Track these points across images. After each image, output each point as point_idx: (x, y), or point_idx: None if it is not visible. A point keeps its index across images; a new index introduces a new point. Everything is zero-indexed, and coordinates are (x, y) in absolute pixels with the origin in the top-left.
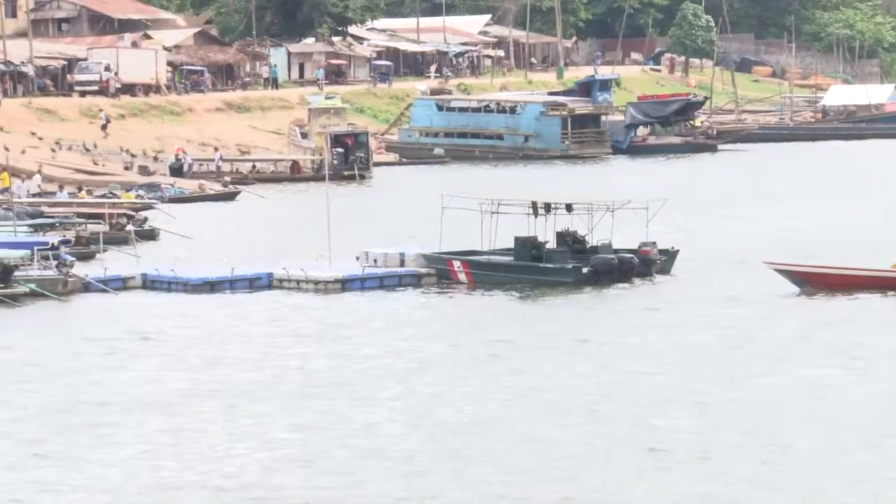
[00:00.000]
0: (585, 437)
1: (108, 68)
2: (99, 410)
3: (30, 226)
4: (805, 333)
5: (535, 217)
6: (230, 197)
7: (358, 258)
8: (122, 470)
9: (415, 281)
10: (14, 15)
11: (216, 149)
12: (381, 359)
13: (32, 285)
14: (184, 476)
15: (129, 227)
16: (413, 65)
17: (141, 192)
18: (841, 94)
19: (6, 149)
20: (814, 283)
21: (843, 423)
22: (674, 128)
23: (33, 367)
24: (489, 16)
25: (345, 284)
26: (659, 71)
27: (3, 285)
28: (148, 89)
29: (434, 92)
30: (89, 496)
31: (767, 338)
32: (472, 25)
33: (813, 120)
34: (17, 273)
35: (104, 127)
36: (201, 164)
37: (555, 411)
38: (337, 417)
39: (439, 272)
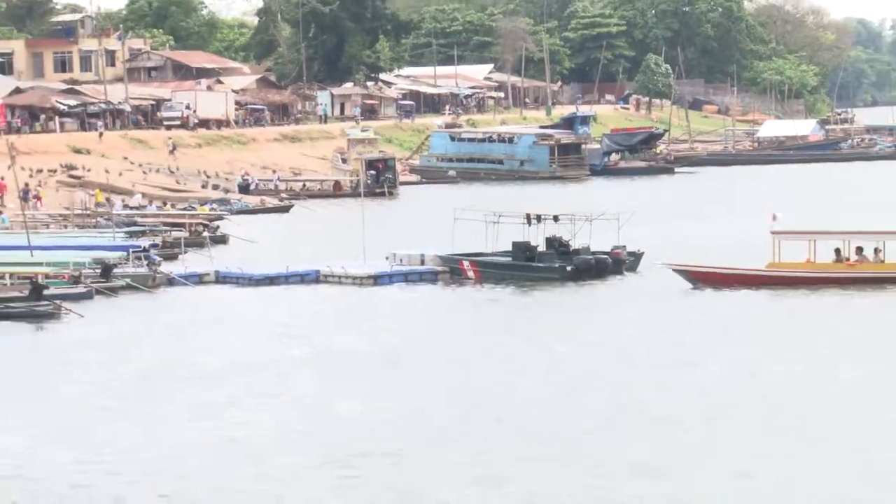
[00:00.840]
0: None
1: (187, 107)
2: (182, 376)
3: (126, 232)
4: (689, 318)
5: (529, 226)
6: (285, 210)
7: (387, 258)
8: (206, 420)
9: (432, 277)
10: (113, 64)
11: (274, 171)
12: (405, 334)
13: (128, 280)
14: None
15: (205, 234)
16: (431, 104)
17: (214, 206)
18: (773, 128)
19: (107, 171)
20: (701, 280)
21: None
22: (639, 154)
23: (129, 344)
24: (492, 65)
25: (376, 279)
26: (628, 109)
27: (105, 280)
28: (220, 124)
29: (448, 126)
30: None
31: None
32: (478, 73)
33: (751, 148)
34: (116, 270)
35: (172, 151)
36: (263, 184)
37: (534, 369)
38: (368, 379)
39: (452, 270)
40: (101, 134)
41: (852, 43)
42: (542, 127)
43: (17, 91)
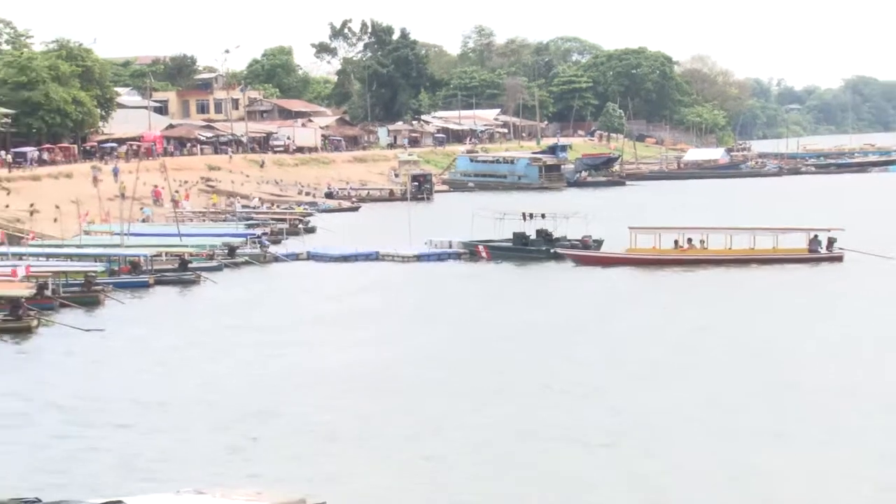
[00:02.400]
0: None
1: (288, 138)
2: (285, 323)
3: (245, 224)
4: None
5: (524, 221)
6: (355, 209)
7: (425, 243)
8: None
9: (457, 256)
10: (237, 108)
11: (347, 183)
12: (436, 295)
13: (247, 257)
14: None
15: (300, 226)
16: (456, 136)
17: (306, 207)
18: (694, 154)
19: (232, 182)
20: (581, 261)
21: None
22: (601, 172)
23: (248, 302)
24: (499, 109)
25: (418, 257)
26: (593, 140)
27: (231, 257)
28: (310, 150)
29: (468, 151)
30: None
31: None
32: (489, 115)
33: (678, 168)
34: (238, 250)
35: (262, 165)
36: (340, 191)
37: (521, 316)
38: (411, 325)
39: (470, 251)
40: (230, 157)
41: (749, 95)
42: (533, 153)
43: (171, 126)
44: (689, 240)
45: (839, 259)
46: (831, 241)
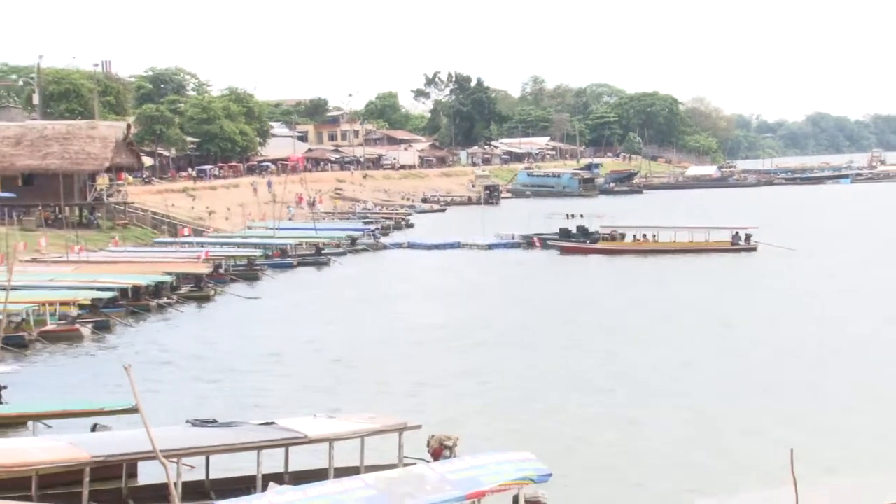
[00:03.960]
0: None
1: (394, 158)
2: (391, 294)
3: (363, 221)
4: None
5: (567, 219)
6: (442, 210)
7: (495, 235)
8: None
9: (517, 245)
10: (357, 137)
11: (437, 191)
12: (502, 274)
13: (364, 245)
14: (421, 317)
15: (403, 223)
16: (518, 157)
17: (406, 208)
18: (694, 170)
19: (353, 190)
20: (563, 249)
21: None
22: (625, 183)
23: (366, 276)
24: (548, 137)
25: (489, 246)
26: (619, 160)
27: (352, 245)
28: (410, 167)
29: (526, 168)
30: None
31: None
32: (541, 141)
33: (682, 181)
34: (358, 241)
35: (354, 174)
36: (432, 197)
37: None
38: (482, 297)
39: (528, 242)
40: (352, 172)
41: (735, 126)
42: (574, 169)
43: (309, 150)
44: (644, 235)
45: (754, 249)
46: (748, 236)
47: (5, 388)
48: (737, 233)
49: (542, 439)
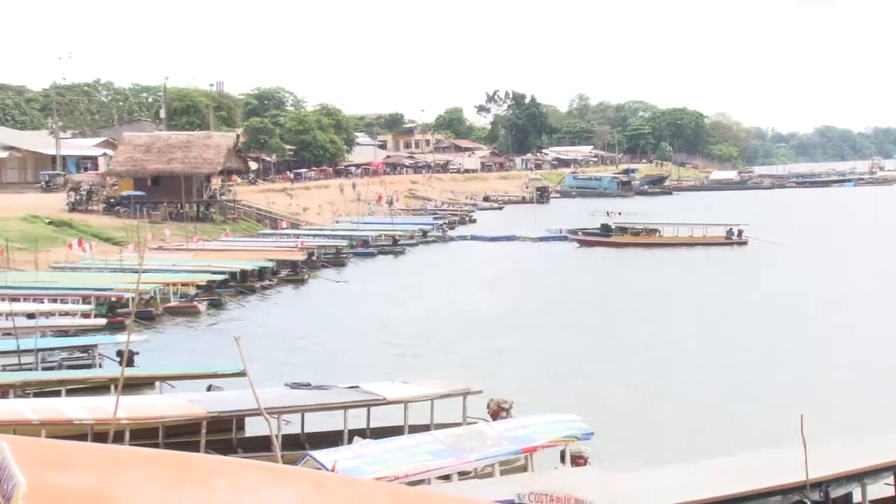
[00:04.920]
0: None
1: (460, 164)
2: (454, 277)
3: (433, 217)
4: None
5: (608, 216)
6: (501, 209)
7: (545, 230)
8: (459, 298)
9: (564, 238)
10: (428, 145)
11: (496, 191)
12: (552, 263)
13: (433, 238)
14: (479, 299)
15: (467, 218)
16: (565, 163)
17: (470, 206)
18: (717, 175)
19: (425, 190)
20: (581, 242)
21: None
22: (657, 186)
23: (434, 266)
24: (591, 146)
25: (541, 239)
26: (652, 165)
27: (424, 237)
28: (473, 171)
29: (572, 172)
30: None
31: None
32: (585, 149)
33: (707, 183)
34: (429, 233)
35: (426, 177)
36: (492, 197)
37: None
38: (534, 282)
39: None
40: (424, 175)
41: (753, 137)
42: (614, 174)
43: (388, 157)
44: (648, 230)
45: (745, 243)
46: (740, 232)
47: (137, 354)
48: (730, 229)
49: (585, 404)
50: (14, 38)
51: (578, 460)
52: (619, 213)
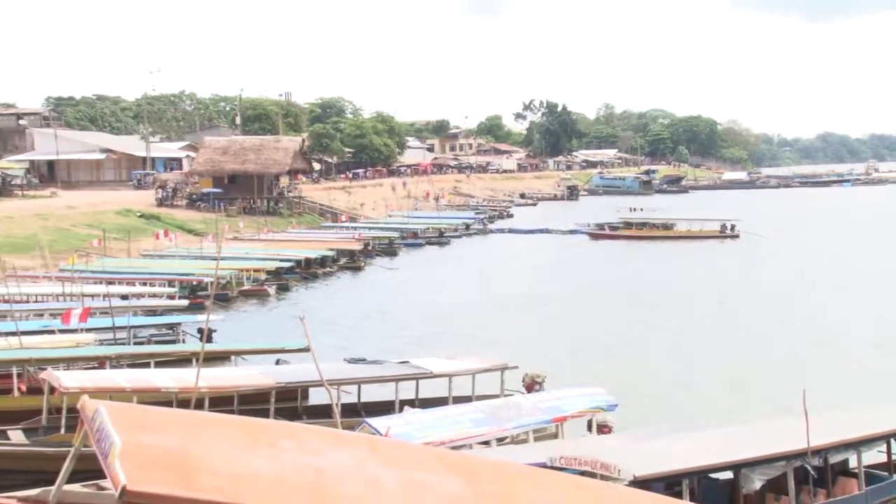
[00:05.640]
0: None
1: (499, 165)
2: (496, 268)
3: (475, 212)
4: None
5: (630, 212)
6: (535, 205)
7: (575, 223)
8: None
9: (589, 231)
10: (471, 148)
11: (530, 189)
12: (576, 251)
13: (475, 230)
14: (518, 288)
15: (505, 214)
16: (592, 164)
17: (507, 202)
18: (729, 175)
19: (468, 188)
20: (591, 237)
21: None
22: (674, 185)
23: (475, 256)
24: (616, 149)
25: (571, 232)
26: (670, 167)
27: (466, 229)
28: (511, 171)
29: (599, 173)
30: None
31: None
32: (610, 153)
33: (719, 183)
34: (470, 227)
35: (468, 176)
36: (528, 194)
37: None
38: (562, 268)
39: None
40: (467, 175)
41: (761, 141)
42: (636, 174)
43: (435, 159)
44: (650, 224)
45: (737, 236)
46: (733, 226)
47: (215, 331)
48: (724, 223)
49: (610, 379)
50: (111, 54)
51: (604, 429)
52: (641, 209)
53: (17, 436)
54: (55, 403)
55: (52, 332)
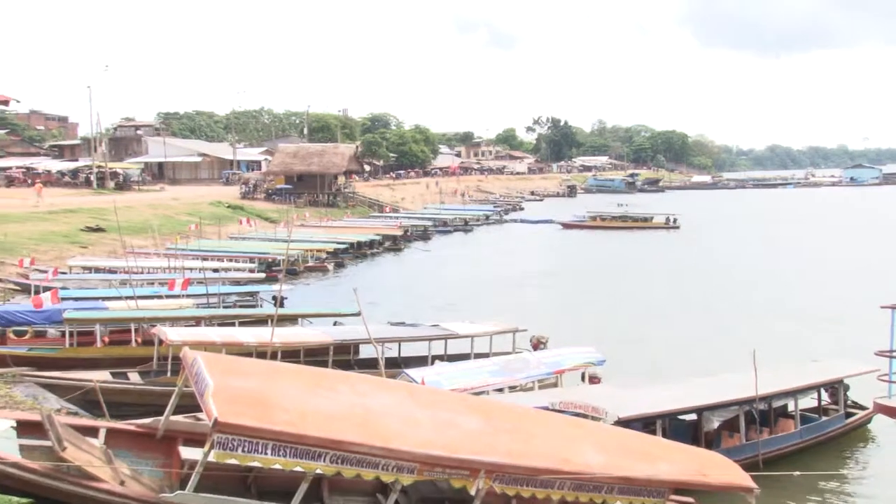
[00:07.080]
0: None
1: (512, 168)
2: (506, 250)
3: (493, 205)
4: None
5: (618, 207)
6: (541, 201)
7: (573, 215)
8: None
9: (588, 221)
10: (491, 154)
11: (538, 188)
12: (577, 237)
13: (493, 220)
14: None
15: (517, 207)
16: (587, 168)
17: (519, 198)
18: (696, 178)
19: (487, 185)
20: (566, 226)
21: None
22: (653, 185)
23: (493, 240)
24: (607, 156)
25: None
26: (650, 171)
27: (486, 220)
28: (521, 173)
29: (593, 175)
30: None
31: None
32: (603, 159)
33: (689, 184)
34: (489, 217)
35: (488, 177)
36: (536, 192)
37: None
38: (561, 248)
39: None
40: (487, 176)
41: (722, 151)
42: (623, 176)
43: (461, 162)
44: (613, 217)
45: (678, 227)
46: (675, 219)
47: (286, 298)
48: (668, 217)
49: (598, 339)
50: (207, 77)
51: (594, 380)
52: (626, 205)
53: (134, 377)
54: (163, 353)
55: (160, 297)
